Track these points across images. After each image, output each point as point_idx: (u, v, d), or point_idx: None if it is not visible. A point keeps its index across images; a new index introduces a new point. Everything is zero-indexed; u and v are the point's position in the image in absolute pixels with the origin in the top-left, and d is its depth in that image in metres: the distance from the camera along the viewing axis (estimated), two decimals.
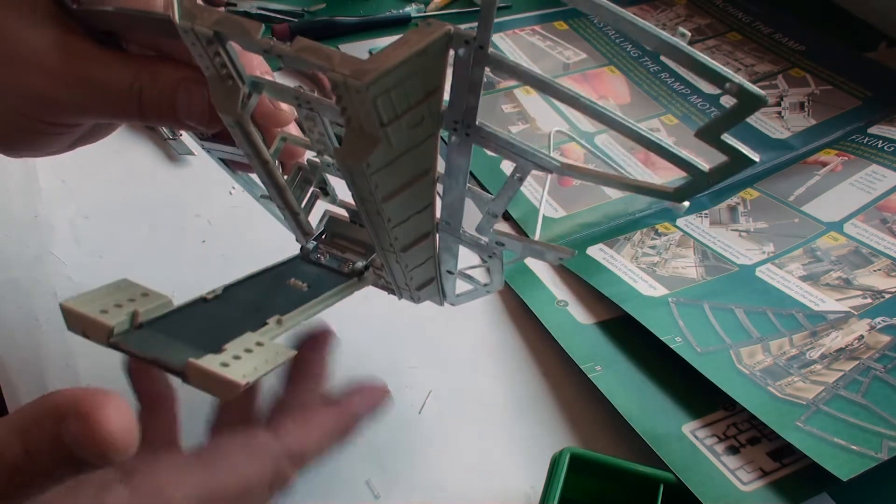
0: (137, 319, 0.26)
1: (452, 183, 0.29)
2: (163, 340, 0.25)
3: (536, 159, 0.27)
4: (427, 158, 0.27)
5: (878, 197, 0.54)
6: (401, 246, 0.31)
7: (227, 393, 0.23)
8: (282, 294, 0.31)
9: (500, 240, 0.32)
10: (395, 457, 0.39)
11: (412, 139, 0.25)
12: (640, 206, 0.55)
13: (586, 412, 0.42)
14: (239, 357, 0.24)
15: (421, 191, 0.28)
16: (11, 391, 0.40)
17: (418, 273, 0.34)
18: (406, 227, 0.30)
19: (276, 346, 0.26)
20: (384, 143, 0.24)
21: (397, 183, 0.27)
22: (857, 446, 0.37)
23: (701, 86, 0.67)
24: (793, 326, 0.45)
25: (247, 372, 0.24)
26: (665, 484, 0.35)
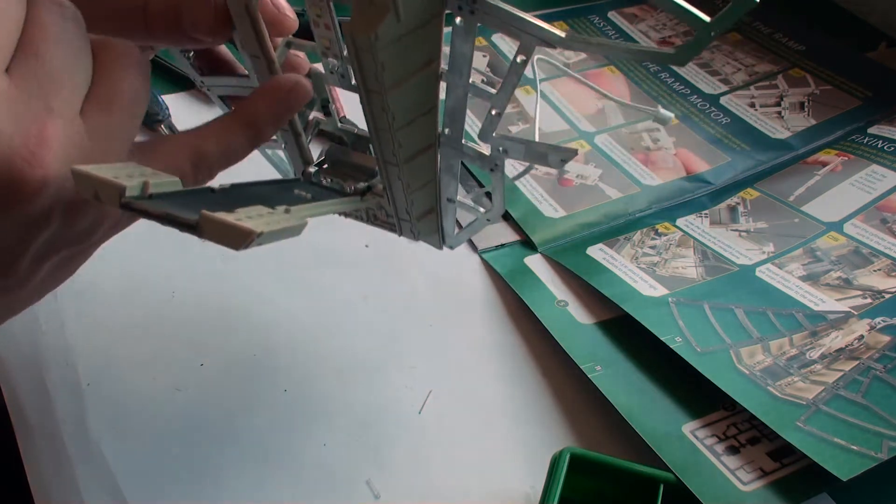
0: (148, 189, 0.25)
1: (455, 79, 0.29)
2: (174, 205, 0.25)
3: (540, 32, 0.26)
4: (432, 44, 0.26)
5: (878, 197, 0.54)
6: (405, 156, 0.30)
7: (240, 241, 0.23)
8: (287, 198, 0.31)
9: (504, 144, 0.31)
10: (395, 457, 0.39)
11: (418, 14, 0.25)
12: (640, 206, 0.55)
13: (586, 412, 0.42)
14: (251, 217, 0.24)
15: (425, 85, 0.27)
16: (11, 391, 0.41)
17: (419, 198, 0.34)
18: (410, 132, 0.29)
19: (287, 216, 0.25)
20: (392, 12, 0.23)
21: (403, 69, 0.26)
22: (857, 446, 0.37)
23: (701, 86, 0.67)
24: (793, 326, 0.45)
25: (260, 225, 0.23)
26: (665, 484, 0.35)
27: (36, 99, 0.24)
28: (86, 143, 0.26)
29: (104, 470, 0.37)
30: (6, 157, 0.23)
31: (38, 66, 0.24)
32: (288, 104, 0.32)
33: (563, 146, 0.30)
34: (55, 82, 0.25)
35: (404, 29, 0.25)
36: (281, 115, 0.32)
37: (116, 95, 0.27)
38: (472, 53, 0.28)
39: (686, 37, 0.73)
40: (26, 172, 0.23)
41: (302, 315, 0.46)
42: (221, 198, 0.28)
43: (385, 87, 0.26)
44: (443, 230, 0.37)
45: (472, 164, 0.33)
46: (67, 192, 0.25)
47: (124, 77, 0.27)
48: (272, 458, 0.39)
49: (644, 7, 0.77)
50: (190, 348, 0.43)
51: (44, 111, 0.24)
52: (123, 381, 0.41)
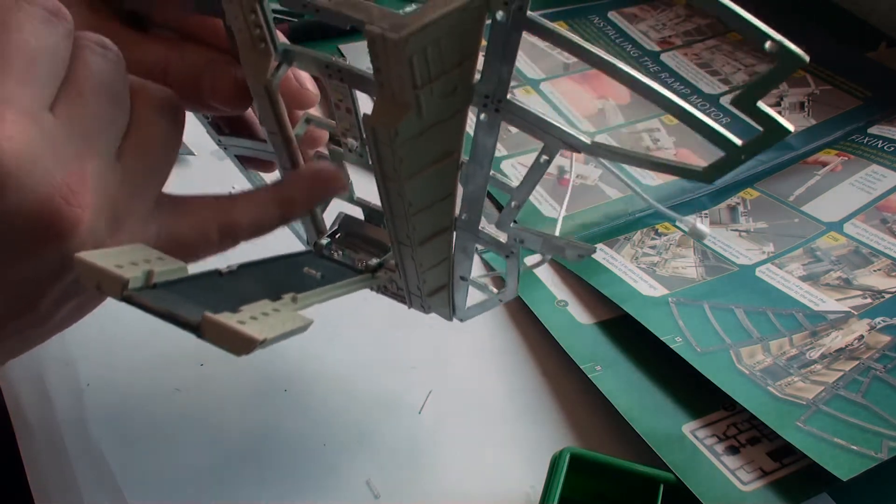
0: (152, 279, 0.25)
1: (476, 168, 0.29)
2: (177, 299, 0.24)
3: (566, 137, 0.26)
4: (454, 137, 0.26)
5: (878, 197, 0.54)
6: (419, 238, 0.30)
7: (242, 348, 0.22)
8: (296, 278, 0.31)
9: (521, 235, 0.31)
10: (395, 457, 0.39)
11: (442, 110, 0.25)
12: (640, 206, 0.55)
13: (586, 412, 0.42)
14: (255, 318, 0.24)
15: (445, 174, 0.27)
16: (11, 391, 0.41)
17: (432, 276, 0.34)
18: (426, 216, 0.29)
19: (294, 314, 0.25)
20: (414, 111, 0.23)
21: (423, 160, 0.26)
22: (857, 446, 0.37)
23: (701, 86, 0.67)
24: (793, 326, 0.45)
25: (264, 330, 0.23)
26: (665, 484, 0.35)
27: (78, 138, 0.24)
28: (120, 186, 0.26)
29: (104, 470, 0.37)
30: (47, 193, 0.23)
31: (82, 106, 0.25)
32: (325, 192, 0.33)
33: (582, 243, 0.30)
34: (97, 123, 0.25)
35: (426, 124, 0.25)
36: (315, 201, 0.33)
37: (152, 140, 0.27)
38: (495, 146, 0.28)
39: (686, 36, 0.73)
40: (64, 210, 0.23)
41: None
42: (228, 284, 0.28)
43: (402, 177, 0.26)
44: (454, 304, 0.37)
45: (488, 249, 0.33)
46: (100, 233, 0.25)
47: (160, 122, 0.27)
48: (272, 459, 0.39)
49: (644, 7, 0.77)
50: (190, 348, 0.43)
51: (85, 151, 0.24)
52: (123, 381, 0.41)
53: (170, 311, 0.23)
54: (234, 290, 0.27)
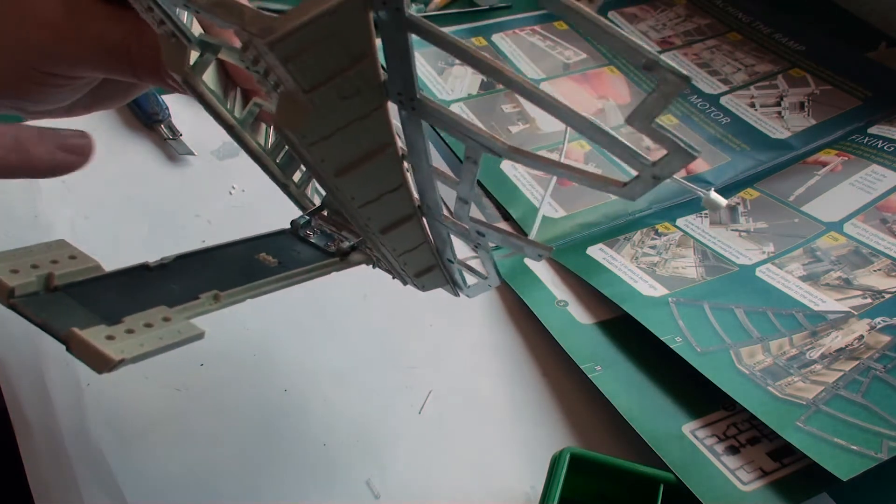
0: (52, 282, 0.24)
1: (416, 161, 0.28)
2: (68, 306, 0.24)
3: (483, 140, 0.25)
4: (380, 133, 0.25)
5: (878, 197, 0.54)
6: (378, 227, 0.30)
7: (99, 366, 0.22)
8: (243, 268, 0.29)
9: (480, 229, 0.31)
10: (395, 457, 0.39)
11: (352, 110, 0.24)
12: (640, 205, 0.55)
13: (586, 412, 0.42)
14: (132, 331, 0.23)
15: (384, 168, 0.27)
16: (11, 391, 0.41)
17: (412, 259, 0.33)
18: (378, 207, 0.28)
19: (184, 325, 0.24)
20: (315, 113, 0.23)
21: (347, 158, 0.25)
22: (857, 446, 0.37)
23: (701, 86, 0.67)
24: (793, 326, 0.45)
25: (128, 348, 0.22)
26: (665, 484, 0.35)
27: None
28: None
29: (104, 470, 0.37)
30: None
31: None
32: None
33: (540, 243, 0.30)
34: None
35: (338, 124, 0.24)
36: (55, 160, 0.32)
37: None
38: (426, 142, 0.26)
39: (686, 36, 0.73)
40: None
41: (302, 315, 0.46)
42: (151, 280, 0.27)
43: (329, 174, 0.26)
44: (455, 282, 0.37)
45: (458, 238, 0.32)
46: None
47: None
48: (272, 459, 0.39)
49: (644, 7, 0.77)
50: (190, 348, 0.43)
51: None
52: (123, 381, 0.41)
53: (44, 323, 0.23)
54: (150, 288, 0.26)
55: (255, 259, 0.30)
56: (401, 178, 0.28)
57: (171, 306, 0.25)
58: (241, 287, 0.28)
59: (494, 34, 0.71)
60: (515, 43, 0.70)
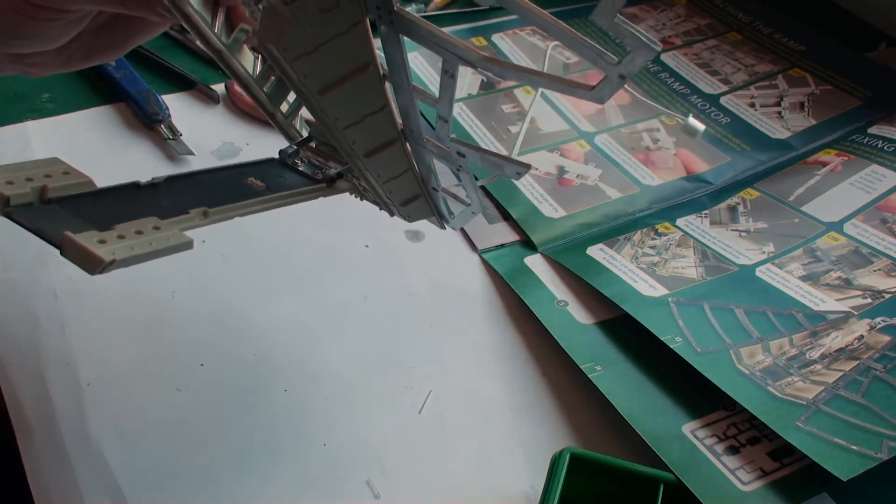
0: (46, 194, 0.25)
1: (397, 80, 0.28)
2: (61, 216, 0.25)
3: (458, 51, 0.26)
4: (361, 51, 0.26)
5: (878, 197, 0.54)
6: (362, 151, 0.30)
7: (91, 266, 0.23)
8: (231, 190, 0.30)
9: (460, 149, 0.31)
10: (395, 457, 0.39)
11: (332, 24, 0.24)
12: (640, 206, 0.55)
13: (586, 412, 0.42)
14: (123, 237, 0.24)
15: (365, 88, 0.27)
16: (11, 391, 0.41)
17: (397, 187, 0.34)
18: (362, 130, 0.29)
19: (173, 233, 0.25)
20: (297, 25, 0.23)
21: (330, 76, 0.26)
22: (857, 446, 0.37)
23: (701, 86, 0.67)
24: (793, 326, 0.45)
25: (119, 250, 0.23)
26: (665, 484, 0.35)
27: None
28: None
29: (104, 470, 0.37)
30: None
31: None
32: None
33: (517, 159, 0.30)
34: None
35: (320, 39, 0.24)
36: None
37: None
38: (405, 58, 0.27)
39: (686, 36, 0.73)
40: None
41: (302, 315, 0.46)
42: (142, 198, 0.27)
43: (312, 92, 0.26)
44: (439, 212, 0.37)
45: (440, 161, 0.33)
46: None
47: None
48: (272, 459, 0.39)
49: (644, 7, 0.77)
50: (190, 348, 0.43)
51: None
52: (123, 381, 0.41)
53: (38, 228, 0.23)
54: (142, 203, 0.27)
55: (244, 182, 0.31)
56: (383, 99, 0.28)
57: (162, 219, 0.25)
58: (230, 205, 0.28)
59: (494, 34, 0.71)
60: (515, 43, 0.70)
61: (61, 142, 0.55)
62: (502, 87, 0.64)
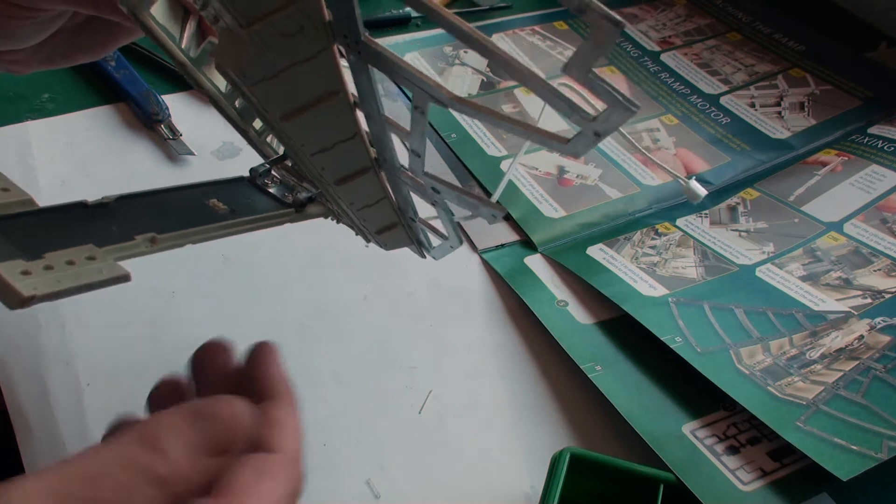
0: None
1: (368, 109, 0.26)
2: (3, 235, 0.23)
3: (428, 88, 0.24)
4: (328, 78, 0.24)
5: (878, 197, 0.54)
6: (332, 178, 0.28)
7: (10, 302, 0.21)
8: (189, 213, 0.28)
9: (434, 185, 0.29)
10: (395, 457, 0.39)
11: (296, 51, 0.23)
12: (640, 206, 0.55)
13: (586, 412, 0.42)
14: (51, 268, 0.22)
15: (333, 115, 0.25)
16: (11, 391, 0.41)
17: (372, 215, 0.32)
18: (331, 157, 0.27)
19: (108, 265, 0.23)
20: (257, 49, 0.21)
21: (294, 102, 0.24)
22: (857, 446, 0.37)
23: (701, 86, 0.67)
24: (793, 326, 0.45)
25: (42, 284, 0.21)
26: (665, 484, 0.35)
27: None
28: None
29: None
30: None
31: None
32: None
33: (495, 203, 0.28)
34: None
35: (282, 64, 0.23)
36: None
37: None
38: (375, 88, 0.25)
39: (686, 36, 0.73)
40: None
41: (302, 315, 0.46)
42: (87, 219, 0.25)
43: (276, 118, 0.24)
44: (421, 242, 0.36)
45: (416, 194, 0.31)
46: None
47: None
48: None
49: (644, 7, 0.77)
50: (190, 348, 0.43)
51: None
52: (123, 381, 0.41)
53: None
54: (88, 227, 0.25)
55: (205, 204, 0.28)
56: (354, 127, 0.26)
57: (102, 246, 0.24)
58: (182, 231, 0.26)
59: (494, 34, 0.71)
60: (515, 43, 0.70)
61: (61, 142, 0.55)
62: (502, 87, 0.64)
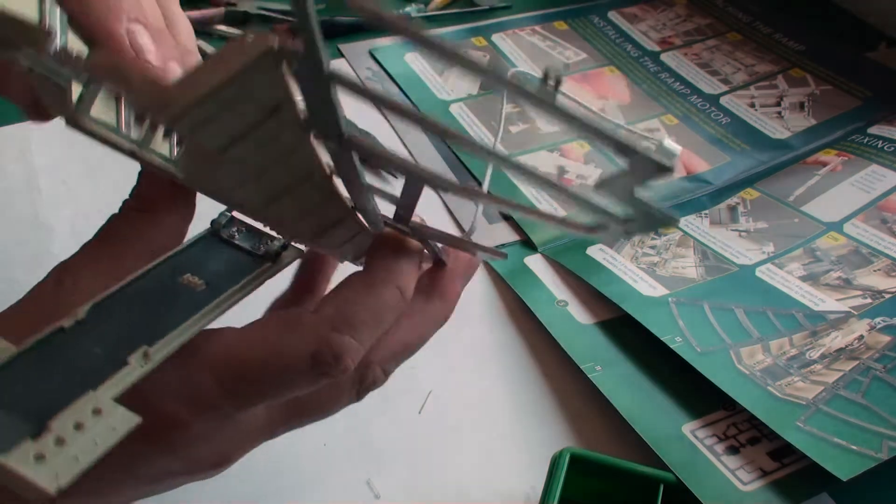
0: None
1: (352, 189, 0.25)
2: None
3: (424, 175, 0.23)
4: (304, 166, 0.23)
5: (878, 197, 0.54)
6: (310, 235, 0.28)
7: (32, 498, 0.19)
8: (168, 301, 0.25)
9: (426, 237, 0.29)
10: (395, 457, 0.39)
11: (271, 154, 0.22)
12: None
13: (586, 412, 0.42)
14: (62, 441, 0.19)
15: (310, 193, 0.24)
16: None
17: (350, 249, 0.31)
18: (310, 220, 0.26)
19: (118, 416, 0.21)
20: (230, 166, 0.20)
21: (269, 193, 0.23)
22: (857, 446, 0.37)
23: (701, 86, 0.67)
24: (793, 326, 0.45)
25: (63, 468, 0.19)
26: (665, 484, 0.35)
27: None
28: None
29: None
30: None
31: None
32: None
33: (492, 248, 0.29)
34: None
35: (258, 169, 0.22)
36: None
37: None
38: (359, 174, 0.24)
39: (686, 36, 0.73)
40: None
41: None
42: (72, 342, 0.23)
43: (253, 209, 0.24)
44: None
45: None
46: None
47: None
48: (272, 459, 0.39)
49: (644, 7, 0.77)
50: None
51: None
52: None
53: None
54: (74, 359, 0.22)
55: (179, 285, 0.26)
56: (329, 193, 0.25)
57: (98, 385, 0.21)
58: (170, 335, 0.24)
59: (494, 34, 0.71)
60: (515, 43, 0.70)
61: (61, 143, 0.55)
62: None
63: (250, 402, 0.26)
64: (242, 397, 0.25)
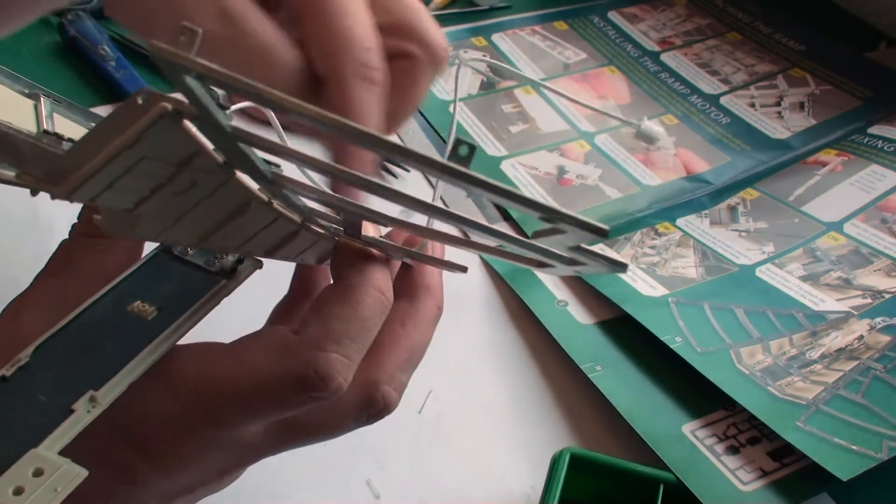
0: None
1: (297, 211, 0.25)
2: None
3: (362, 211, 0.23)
4: (235, 200, 0.22)
5: (878, 197, 0.54)
6: (264, 251, 0.27)
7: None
8: (116, 336, 0.24)
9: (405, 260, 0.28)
10: (395, 457, 0.39)
11: (192, 200, 0.21)
12: (639, 206, 0.55)
13: (586, 412, 0.42)
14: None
15: (252, 218, 0.23)
16: None
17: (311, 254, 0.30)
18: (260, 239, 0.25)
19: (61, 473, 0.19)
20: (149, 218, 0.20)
21: (204, 228, 0.22)
22: (857, 446, 0.37)
23: (701, 86, 0.67)
24: (793, 326, 0.45)
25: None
26: (665, 484, 0.35)
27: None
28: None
29: None
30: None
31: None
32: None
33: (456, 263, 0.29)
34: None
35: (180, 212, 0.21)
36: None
37: None
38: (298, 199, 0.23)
39: (686, 36, 0.73)
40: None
41: None
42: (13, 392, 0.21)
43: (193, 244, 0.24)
44: None
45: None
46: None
47: None
48: (272, 458, 0.39)
49: (644, 7, 0.77)
50: None
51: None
52: None
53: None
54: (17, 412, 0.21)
55: (128, 314, 0.24)
56: (273, 215, 0.24)
57: (41, 439, 0.20)
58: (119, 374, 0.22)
59: (494, 34, 0.71)
60: (515, 43, 0.70)
61: None
62: (502, 86, 0.64)
63: (232, 423, 0.25)
64: (223, 419, 0.25)
